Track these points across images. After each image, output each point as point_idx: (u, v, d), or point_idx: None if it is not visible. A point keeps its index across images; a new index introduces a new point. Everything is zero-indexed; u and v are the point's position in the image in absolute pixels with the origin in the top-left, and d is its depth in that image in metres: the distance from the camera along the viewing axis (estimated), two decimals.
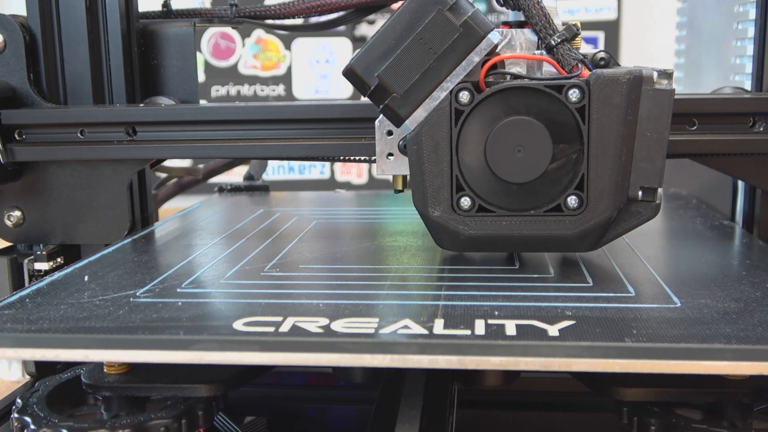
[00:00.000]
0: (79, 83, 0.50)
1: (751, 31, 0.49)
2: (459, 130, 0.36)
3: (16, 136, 0.48)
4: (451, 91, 0.36)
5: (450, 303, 0.33)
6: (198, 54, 1.15)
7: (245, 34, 1.71)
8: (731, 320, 0.30)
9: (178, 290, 0.35)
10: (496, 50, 0.38)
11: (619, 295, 0.34)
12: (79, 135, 0.47)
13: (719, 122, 0.43)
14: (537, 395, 0.47)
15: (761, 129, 0.43)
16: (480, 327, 0.29)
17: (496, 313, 0.31)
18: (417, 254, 0.42)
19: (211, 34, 1.70)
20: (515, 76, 0.36)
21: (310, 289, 0.36)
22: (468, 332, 0.29)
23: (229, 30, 1.69)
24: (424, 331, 0.29)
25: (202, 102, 0.53)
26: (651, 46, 1.86)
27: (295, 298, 0.34)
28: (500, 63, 0.38)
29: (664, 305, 0.32)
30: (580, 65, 0.36)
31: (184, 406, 0.33)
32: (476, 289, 0.35)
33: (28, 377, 0.47)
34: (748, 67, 0.49)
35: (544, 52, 0.38)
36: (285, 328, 0.30)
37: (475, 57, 0.35)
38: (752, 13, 0.49)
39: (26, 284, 0.48)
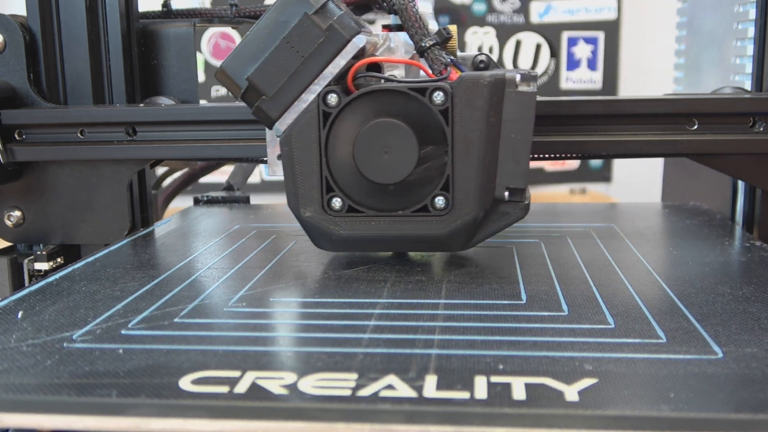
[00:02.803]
0: (79, 83, 0.50)
1: (751, 31, 0.49)
2: (327, 132, 0.36)
3: (16, 136, 0.48)
4: (318, 94, 0.36)
5: (444, 351, 0.28)
6: (198, 54, 1.15)
7: (245, 34, 1.71)
8: None
9: (123, 332, 0.30)
10: (375, 52, 0.38)
11: (647, 341, 0.29)
12: (79, 135, 0.47)
13: (719, 122, 0.43)
14: None
15: (761, 129, 0.43)
16: (481, 387, 0.25)
17: (501, 366, 0.26)
18: (408, 284, 0.37)
19: (211, 34, 1.70)
20: (383, 79, 0.37)
21: (278, 332, 0.31)
22: (466, 395, 0.24)
23: (229, 30, 1.69)
24: (413, 394, 0.24)
25: (202, 102, 0.53)
26: (651, 46, 1.86)
27: (259, 343, 0.29)
28: (375, 66, 0.38)
29: (703, 356, 0.27)
30: (449, 68, 0.37)
31: None
32: (476, 332, 0.30)
33: None
34: (748, 67, 0.49)
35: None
36: (242, 387, 0.25)
37: (341, 60, 0.36)
38: (752, 13, 0.49)
39: (26, 284, 0.48)
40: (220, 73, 0.37)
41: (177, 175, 0.68)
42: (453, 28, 0.39)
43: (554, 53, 1.94)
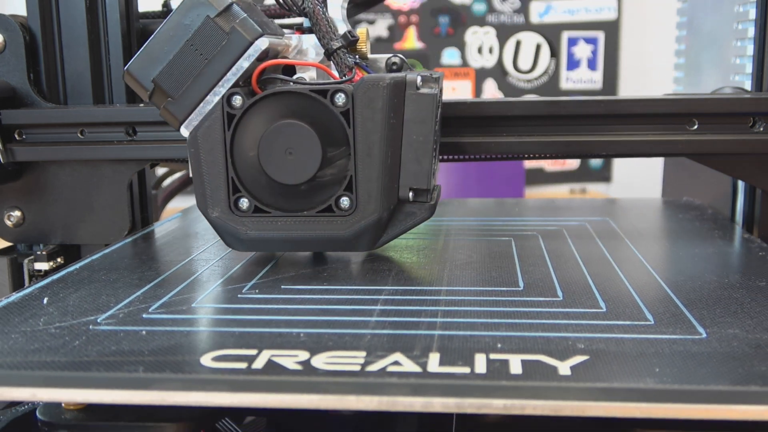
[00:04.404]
0: (79, 83, 0.50)
1: (751, 31, 0.49)
2: (232, 133, 0.37)
3: (16, 136, 0.48)
4: (222, 96, 0.36)
5: (447, 332, 0.29)
6: None
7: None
8: (765, 355, 0.27)
9: (144, 316, 0.32)
10: (288, 54, 0.39)
11: (636, 323, 0.30)
12: (79, 135, 0.47)
13: (719, 122, 0.43)
14: None
15: (761, 129, 0.43)
16: (481, 363, 0.26)
17: (499, 345, 0.28)
18: (412, 272, 0.39)
19: None
20: (287, 81, 0.37)
21: (290, 315, 0.32)
22: (467, 370, 0.26)
23: None
24: (417, 369, 0.26)
25: None
26: (651, 46, 1.87)
27: (273, 325, 0.31)
28: (289, 68, 0.39)
29: (687, 336, 0.29)
30: (353, 70, 0.37)
31: None
32: (476, 316, 0.32)
33: None
34: (748, 67, 0.49)
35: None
36: (259, 364, 0.26)
37: (244, 62, 0.36)
38: (752, 13, 0.49)
39: (26, 284, 0.48)
40: (126, 75, 0.37)
41: (177, 175, 0.68)
42: (362, 32, 0.39)
43: (554, 53, 1.94)
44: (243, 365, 0.26)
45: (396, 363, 0.26)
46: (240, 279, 0.38)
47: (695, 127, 0.43)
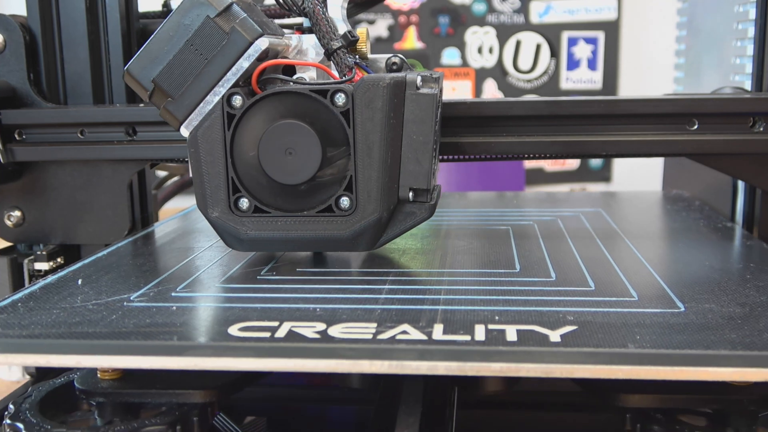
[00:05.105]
0: (79, 83, 0.50)
1: (751, 31, 0.49)
2: (232, 133, 0.37)
3: (16, 136, 0.48)
4: (222, 96, 0.36)
5: (449, 307, 0.32)
6: None
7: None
8: (736, 326, 0.29)
9: (173, 294, 0.35)
10: (288, 54, 0.39)
11: (621, 299, 0.33)
12: (79, 135, 0.47)
13: (719, 122, 0.43)
14: (538, 395, 0.47)
15: (761, 129, 0.43)
16: (480, 332, 0.29)
17: (497, 318, 0.31)
18: (416, 257, 0.42)
19: None
20: (287, 81, 0.37)
21: (306, 293, 0.35)
22: (468, 338, 0.28)
23: None
24: (423, 337, 0.29)
25: None
26: (651, 46, 1.86)
27: (291, 302, 0.34)
28: (289, 68, 0.39)
29: (667, 310, 0.32)
30: (353, 70, 0.37)
31: (179, 413, 0.32)
32: (476, 293, 0.34)
33: (28, 377, 0.47)
34: (748, 67, 0.49)
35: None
36: (281, 333, 0.29)
37: (244, 62, 0.36)
38: (752, 13, 0.49)
39: (26, 284, 0.48)
40: (126, 75, 0.37)
41: (175, 178, 0.68)
42: (362, 32, 0.39)
43: (554, 53, 1.94)
44: (267, 335, 0.29)
45: (404, 332, 0.29)
46: (258, 263, 0.41)
47: (695, 127, 0.44)
